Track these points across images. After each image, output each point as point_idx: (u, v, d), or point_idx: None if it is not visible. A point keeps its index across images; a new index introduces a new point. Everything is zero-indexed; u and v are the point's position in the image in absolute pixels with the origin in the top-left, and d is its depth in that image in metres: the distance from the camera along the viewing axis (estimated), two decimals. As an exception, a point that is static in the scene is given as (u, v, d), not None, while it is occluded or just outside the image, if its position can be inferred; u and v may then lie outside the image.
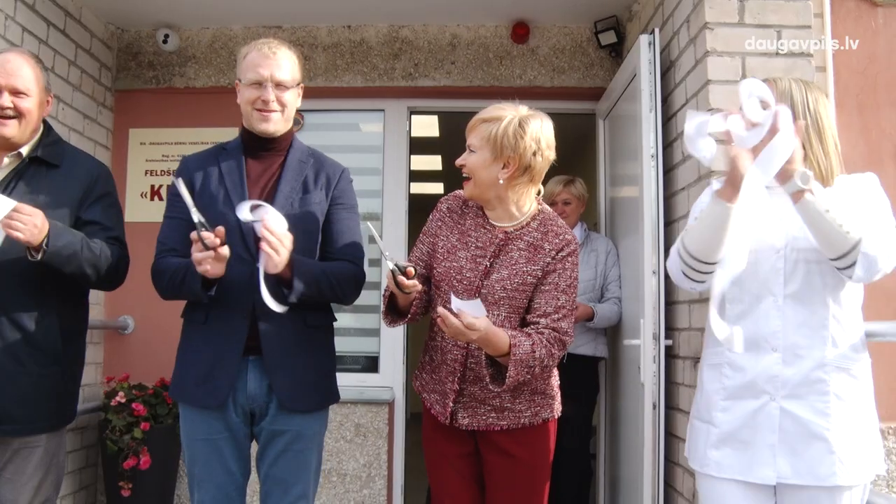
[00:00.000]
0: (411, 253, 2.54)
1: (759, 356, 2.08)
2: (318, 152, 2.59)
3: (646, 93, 3.34)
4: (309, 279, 2.31)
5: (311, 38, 4.61)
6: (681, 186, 3.21)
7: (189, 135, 4.65)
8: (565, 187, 4.09)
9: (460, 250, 2.41)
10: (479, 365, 2.33)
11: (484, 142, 2.33)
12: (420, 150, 6.43)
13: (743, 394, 2.11)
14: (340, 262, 2.46)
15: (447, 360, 2.40)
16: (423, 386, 2.53)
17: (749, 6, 2.96)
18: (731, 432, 2.11)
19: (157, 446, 4.05)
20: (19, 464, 2.43)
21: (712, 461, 2.14)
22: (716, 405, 2.16)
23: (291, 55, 2.47)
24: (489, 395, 2.37)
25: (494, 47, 4.58)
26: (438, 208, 2.54)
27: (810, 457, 2.02)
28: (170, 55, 4.68)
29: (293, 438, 2.39)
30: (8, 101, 2.39)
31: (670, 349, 3.24)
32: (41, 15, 3.90)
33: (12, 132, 2.42)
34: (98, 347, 4.51)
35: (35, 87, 2.46)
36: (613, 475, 4.09)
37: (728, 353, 2.14)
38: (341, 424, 4.40)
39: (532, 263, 2.35)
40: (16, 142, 2.45)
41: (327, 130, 4.71)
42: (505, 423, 2.39)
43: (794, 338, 2.06)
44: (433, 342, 2.48)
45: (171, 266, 2.37)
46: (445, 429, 2.44)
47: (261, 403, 2.38)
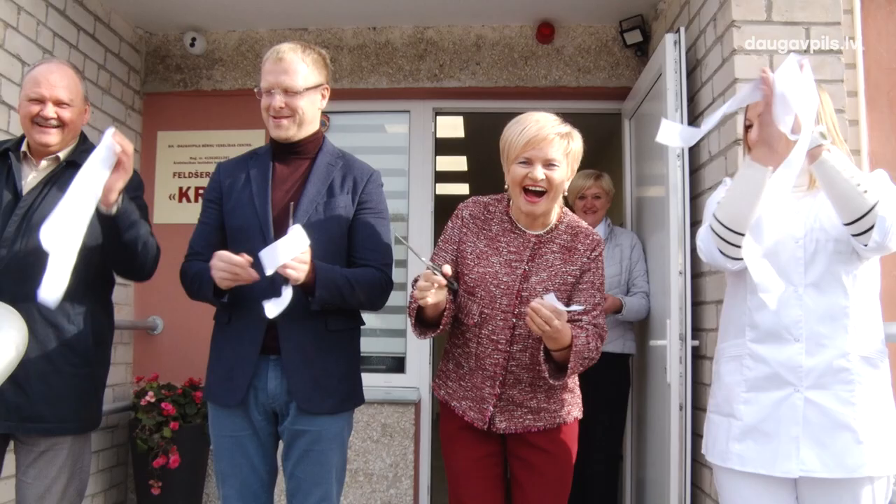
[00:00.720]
0: (434, 260, 2.49)
1: (780, 346, 2.07)
2: (348, 155, 2.57)
3: (671, 92, 3.32)
4: (331, 287, 2.31)
5: (336, 40, 4.63)
6: (707, 186, 3.18)
7: (216, 137, 4.69)
8: (596, 181, 4.07)
9: (492, 255, 2.41)
10: (519, 367, 2.37)
11: (563, 156, 2.32)
12: (445, 151, 6.44)
13: (766, 385, 2.09)
14: (366, 269, 2.43)
15: (485, 365, 2.40)
16: (450, 394, 2.50)
17: (777, 3, 2.93)
18: (754, 425, 2.10)
19: (186, 445, 4.09)
20: (42, 467, 2.45)
21: (734, 454, 2.12)
22: (737, 397, 2.15)
23: (305, 58, 2.42)
24: (527, 397, 2.39)
25: (519, 47, 4.58)
26: (458, 215, 2.51)
27: (838, 448, 2.00)
28: (197, 58, 4.73)
29: (314, 439, 2.39)
30: (52, 112, 2.46)
31: (697, 350, 3.21)
32: (72, 20, 3.96)
33: (55, 140, 2.49)
34: (128, 348, 4.56)
35: (76, 97, 2.53)
36: (640, 476, 4.06)
37: (749, 344, 2.13)
38: (368, 424, 4.41)
39: (569, 264, 2.39)
40: (55, 149, 2.53)
41: (353, 132, 4.73)
42: (542, 423, 2.41)
43: (816, 327, 2.04)
44: (465, 349, 2.46)
45: (193, 270, 2.42)
46: (470, 431, 2.45)
47: (281, 403, 2.39)
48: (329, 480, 2.43)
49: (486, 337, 2.39)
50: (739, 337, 2.16)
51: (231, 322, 2.41)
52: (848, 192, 1.95)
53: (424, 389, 4.51)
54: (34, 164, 2.54)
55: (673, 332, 3.17)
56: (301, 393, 2.35)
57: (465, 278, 2.42)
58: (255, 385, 2.37)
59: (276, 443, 2.50)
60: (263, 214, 2.38)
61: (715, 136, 3.10)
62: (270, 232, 2.35)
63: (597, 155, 6.50)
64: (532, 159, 2.30)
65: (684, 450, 3.13)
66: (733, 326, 2.22)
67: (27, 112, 2.47)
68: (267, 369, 2.38)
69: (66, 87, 2.50)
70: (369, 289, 2.42)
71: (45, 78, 2.47)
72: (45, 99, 2.46)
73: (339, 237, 2.44)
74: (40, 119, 2.46)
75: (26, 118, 2.47)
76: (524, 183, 2.31)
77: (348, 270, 2.41)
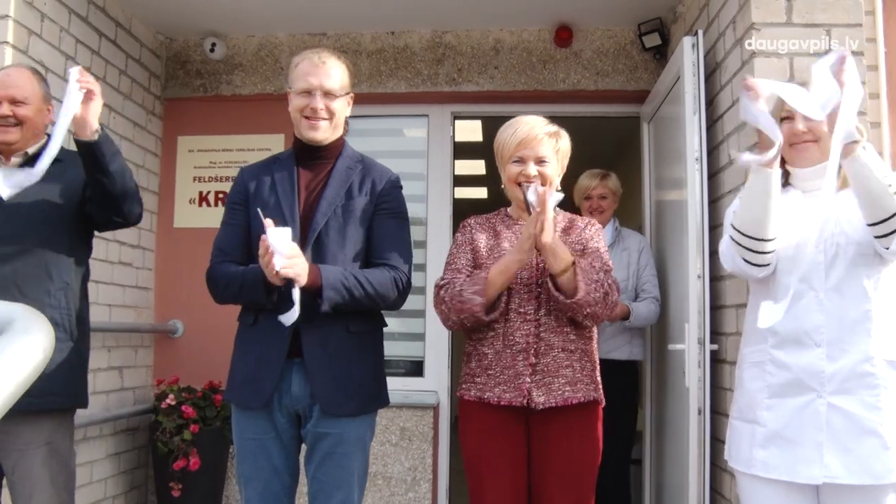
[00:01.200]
0: (452, 265, 2.57)
1: (802, 352, 2.06)
2: (368, 158, 2.60)
3: (689, 95, 3.31)
4: (339, 287, 2.32)
5: (355, 45, 4.65)
6: (727, 190, 3.17)
7: (236, 142, 4.73)
8: (601, 181, 4.02)
9: (503, 243, 2.56)
10: (548, 332, 2.45)
11: (553, 153, 2.53)
12: (464, 155, 6.44)
13: (788, 391, 2.08)
14: (377, 269, 2.45)
15: (515, 340, 2.44)
16: (482, 388, 2.49)
17: (797, 5, 2.91)
18: (777, 431, 2.09)
19: (207, 448, 4.12)
20: (25, 465, 2.50)
21: (759, 461, 2.11)
22: (760, 404, 2.13)
23: (341, 65, 2.51)
24: (562, 364, 2.44)
25: (538, 51, 4.58)
26: (466, 224, 2.67)
27: (863, 454, 1.98)
28: (217, 63, 4.76)
29: (336, 442, 2.40)
30: (7, 110, 2.56)
31: (716, 354, 3.20)
32: (94, 27, 4.00)
33: (15, 138, 2.59)
34: (148, 351, 4.60)
35: (32, 95, 2.62)
36: (659, 481, 4.05)
37: (771, 350, 2.12)
38: (386, 428, 4.42)
39: (573, 234, 2.58)
40: (19, 147, 2.62)
41: (371, 136, 4.74)
42: (580, 395, 2.45)
43: (837, 332, 2.03)
44: (489, 335, 2.49)
45: (230, 271, 2.43)
46: (498, 424, 2.46)
47: (304, 406, 2.40)
48: (351, 483, 2.44)
49: (514, 311, 2.46)
50: (761, 343, 2.15)
51: (256, 324, 2.42)
52: (878, 192, 1.93)
53: (443, 393, 4.51)
54: (3, 162, 2.62)
55: (691, 335, 3.16)
56: (324, 395, 2.36)
57: (484, 266, 2.51)
58: (280, 387, 2.39)
59: (298, 446, 2.51)
60: (291, 217, 2.41)
61: (735, 140, 3.09)
62: (297, 234, 2.37)
63: (615, 158, 6.51)
64: (525, 158, 2.50)
65: (703, 454, 3.11)
66: (755, 332, 2.21)
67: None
68: (291, 372, 2.39)
69: (21, 86, 2.59)
70: (381, 287, 2.41)
71: (1, 80, 2.59)
72: (0, 99, 2.56)
73: (357, 239, 2.46)
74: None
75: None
76: (518, 179, 2.51)
77: (359, 270, 2.42)
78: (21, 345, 0.83)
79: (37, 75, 2.68)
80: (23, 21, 3.42)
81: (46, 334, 0.85)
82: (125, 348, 4.33)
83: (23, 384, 0.81)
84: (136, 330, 4.44)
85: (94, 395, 3.96)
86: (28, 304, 2.34)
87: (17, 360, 0.82)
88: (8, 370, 0.81)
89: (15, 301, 2.33)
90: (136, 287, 4.44)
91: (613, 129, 5.76)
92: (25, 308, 0.89)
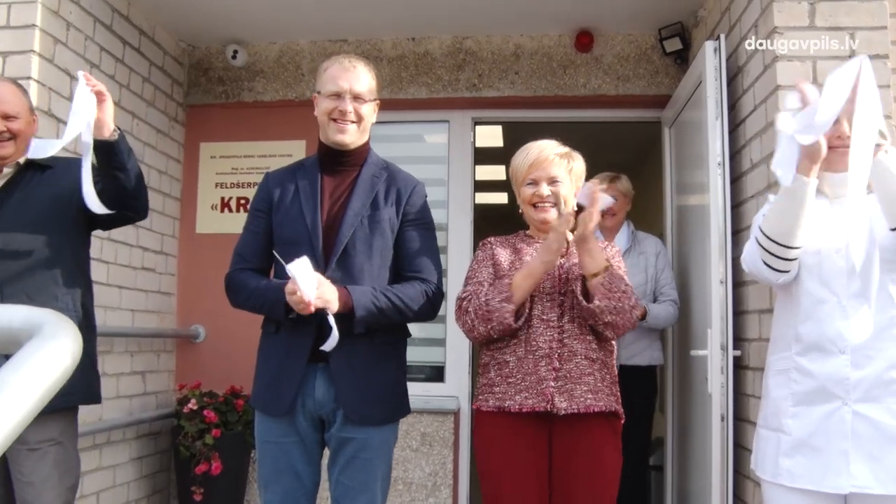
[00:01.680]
0: (474, 279, 2.57)
1: (826, 359, 2.04)
2: (392, 166, 2.60)
3: (712, 100, 3.29)
4: (371, 308, 2.33)
5: (375, 51, 4.67)
6: (750, 195, 3.15)
7: (257, 148, 4.75)
8: (611, 184, 3.97)
9: (524, 256, 2.56)
10: (572, 338, 2.46)
11: (567, 173, 2.57)
12: (484, 161, 6.45)
13: (813, 399, 2.06)
14: (408, 283, 2.46)
15: (538, 346, 2.44)
16: (501, 398, 2.46)
17: (820, 8, 2.89)
18: (802, 439, 2.06)
19: (228, 453, 4.14)
20: (35, 463, 2.53)
21: (784, 470, 2.09)
22: (785, 412, 2.11)
23: (370, 71, 2.52)
24: (584, 371, 2.44)
25: (558, 56, 4.57)
26: (487, 242, 2.69)
27: (891, 462, 1.95)
28: (239, 70, 4.80)
29: (361, 447, 2.40)
30: (1, 126, 2.60)
31: (739, 360, 3.18)
32: (118, 35, 4.04)
33: (9, 152, 2.63)
34: (170, 355, 4.63)
35: (21, 109, 2.67)
36: (682, 488, 4.02)
37: (795, 357, 2.10)
38: (407, 433, 4.42)
39: None
40: (11, 159, 2.67)
41: (392, 142, 4.75)
42: (602, 403, 2.44)
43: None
44: (510, 343, 2.47)
45: (251, 285, 2.45)
46: (518, 432, 2.44)
47: (328, 411, 2.40)
48: (374, 488, 2.44)
49: (537, 318, 2.47)
50: (786, 350, 2.13)
51: (279, 332, 2.43)
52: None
53: (464, 399, 4.51)
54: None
55: (714, 341, 3.14)
56: (349, 403, 2.37)
57: (506, 277, 2.51)
58: (303, 392, 2.39)
59: (321, 450, 2.51)
60: (313, 226, 2.41)
61: (757, 145, 3.07)
62: (320, 243, 2.38)
63: (636, 163, 6.48)
64: (537, 179, 2.56)
65: (726, 461, 3.09)
66: (780, 339, 2.20)
67: None
68: (315, 377, 2.39)
69: (10, 101, 2.64)
70: (413, 302, 2.43)
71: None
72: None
73: (384, 249, 2.46)
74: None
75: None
76: (533, 200, 2.58)
77: (389, 287, 2.42)
78: (49, 350, 0.84)
79: (20, 88, 2.75)
80: (49, 30, 3.46)
81: (74, 339, 0.86)
82: (148, 353, 4.36)
83: (51, 389, 0.82)
84: (158, 335, 4.47)
85: (118, 399, 4.00)
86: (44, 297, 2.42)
87: (45, 366, 0.83)
88: (36, 375, 0.81)
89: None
90: (158, 292, 4.47)
91: (634, 135, 5.74)
92: (53, 313, 0.90)
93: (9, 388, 0.77)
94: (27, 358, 0.81)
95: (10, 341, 0.87)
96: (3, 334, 0.89)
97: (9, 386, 0.77)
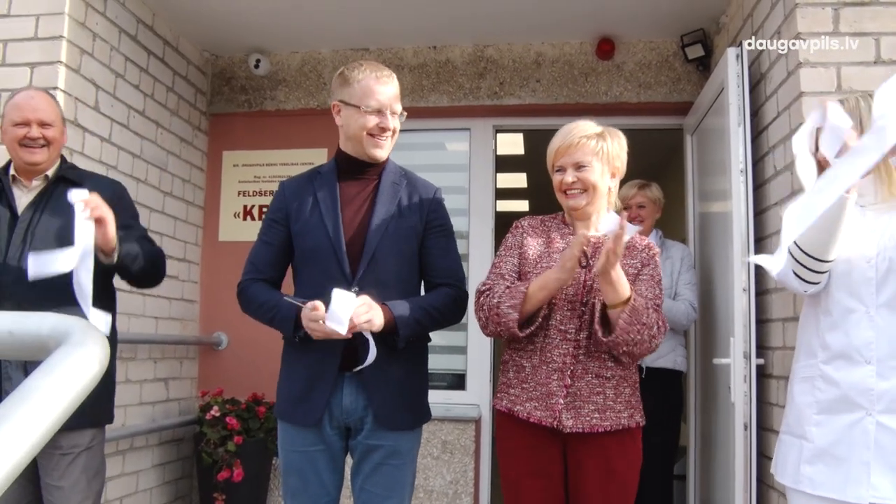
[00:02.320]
0: (497, 269, 2.53)
1: (851, 369, 2.01)
2: (409, 173, 2.59)
3: (734, 106, 3.28)
4: (411, 323, 2.34)
5: (397, 59, 4.69)
6: (773, 202, 3.13)
7: (280, 156, 4.79)
8: (640, 190, 4.00)
9: (553, 253, 2.48)
10: (587, 356, 2.39)
11: (593, 156, 2.46)
12: (505, 168, 6.45)
13: (837, 408, 2.03)
14: (439, 291, 2.48)
15: (552, 357, 2.40)
16: (513, 400, 2.46)
17: (844, 14, 2.87)
18: (825, 448, 2.04)
19: (250, 459, 4.16)
20: (65, 468, 2.57)
21: (805, 477, 2.07)
22: (808, 419, 2.09)
23: (397, 80, 2.50)
24: (594, 391, 2.38)
25: (579, 64, 4.57)
26: (519, 225, 2.61)
27: None
28: (261, 79, 4.83)
29: (389, 454, 2.40)
30: (37, 132, 2.67)
31: (763, 368, 3.15)
32: (142, 45, 4.09)
33: (43, 158, 2.70)
34: (193, 363, 4.66)
35: (56, 118, 2.74)
36: (705, 497, 3.99)
37: (820, 365, 2.08)
38: (428, 441, 4.42)
39: (628, 258, 2.46)
40: (43, 168, 2.73)
41: (414, 150, 4.77)
42: (608, 423, 2.38)
43: (888, 349, 1.98)
44: (527, 348, 2.45)
45: (260, 298, 2.44)
46: (530, 447, 2.43)
47: (356, 419, 2.40)
48: (400, 495, 2.44)
49: (554, 328, 2.41)
50: (811, 358, 2.11)
51: (302, 341, 2.39)
52: None
53: (485, 407, 4.50)
54: (23, 185, 2.74)
55: (737, 349, 3.12)
56: (382, 409, 2.37)
57: (529, 276, 2.46)
58: (330, 401, 2.38)
59: (345, 458, 2.51)
60: (336, 236, 2.40)
61: (780, 151, 3.05)
62: (343, 253, 2.38)
63: (659, 170, 6.46)
64: (564, 166, 2.48)
65: (749, 471, 3.06)
66: (805, 347, 2.18)
67: (14, 136, 2.67)
68: (342, 385, 2.39)
69: (46, 109, 2.71)
70: (447, 309, 2.47)
71: (27, 104, 2.70)
72: (30, 122, 2.67)
73: (410, 256, 2.48)
74: (27, 140, 2.67)
75: (14, 141, 2.67)
76: (561, 188, 2.49)
77: (423, 299, 2.45)
78: (77, 357, 0.85)
79: (53, 98, 2.82)
80: (75, 41, 3.51)
81: (102, 347, 0.87)
82: (171, 360, 4.39)
83: (79, 396, 0.83)
84: (181, 342, 4.51)
85: (140, 405, 4.03)
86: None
87: (73, 372, 0.84)
88: (65, 381, 0.82)
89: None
90: (181, 300, 4.51)
91: (656, 142, 5.72)
92: (81, 321, 0.92)
93: (39, 393, 0.78)
94: (56, 365, 0.83)
95: (39, 348, 0.89)
96: (32, 342, 0.90)
97: (39, 391, 0.79)
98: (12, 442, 0.72)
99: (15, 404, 0.76)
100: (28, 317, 0.93)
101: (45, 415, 0.77)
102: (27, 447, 0.74)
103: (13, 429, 0.74)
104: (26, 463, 0.74)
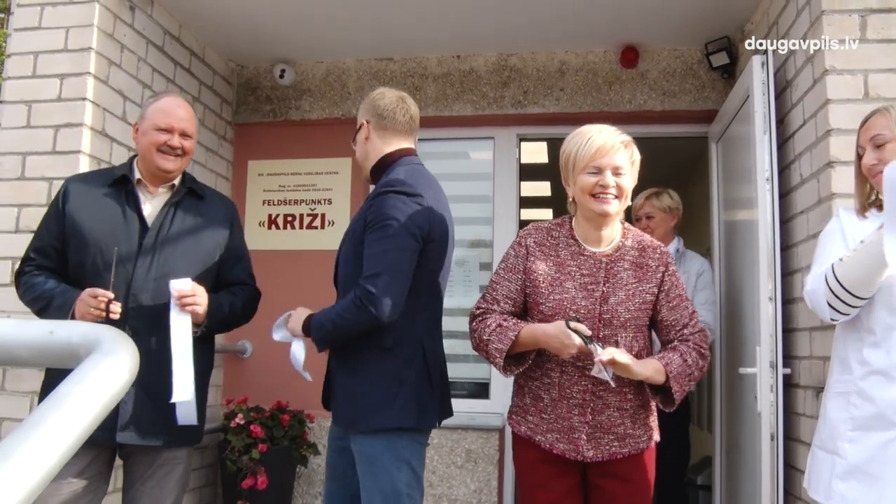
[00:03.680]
0: (493, 292, 2.49)
1: (889, 386, 1.99)
2: (391, 175, 2.58)
3: (759, 114, 3.26)
4: (317, 334, 2.44)
5: (421, 69, 4.71)
6: (799, 210, 3.10)
7: (304, 165, 4.81)
8: (647, 200, 3.97)
9: (565, 281, 2.40)
10: (607, 392, 2.36)
11: (629, 163, 2.39)
12: (529, 177, 6.45)
13: (872, 425, 2.01)
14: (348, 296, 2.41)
15: (571, 393, 2.38)
16: (533, 429, 2.45)
17: (871, 21, 2.85)
18: (858, 465, 2.02)
19: (274, 467, 4.17)
20: (161, 478, 2.61)
21: (837, 493, 2.05)
22: (842, 435, 2.07)
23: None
24: (615, 422, 2.38)
25: (603, 72, 4.56)
26: (522, 244, 2.49)
27: None
28: (286, 89, 4.87)
29: (359, 457, 2.43)
30: (178, 142, 2.68)
31: (789, 378, 3.12)
32: (169, 56, 4.14)
33: (175, 167, 2.71)
34: (218, 370, 4.69)
35: (194, 131, 2.77)
36: (731, 508, 3.95)
37: (857, 381, 2.05)
38: (452, 450, 4.42)
39: (645, 282, 2.39)
40: (172, 176, 2.73)
41: (438, 159, 4.77)
42: (626, 450, 2.40)
43: None
44: (545, 380, 2.43)
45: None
46: (549, 464, 2.42)
47: None
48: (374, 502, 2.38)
49: (572, 364, 2.36)
50: (848, 373, 2.09)
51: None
52: None
53: (508, 415, 4.49)
54: (148, 190, 2.72)
55: (763, 359, 3.09)
56: (335, 410, 2.53)
57: (541, 307, 2.40)
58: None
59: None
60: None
61: (807, 159, 3.02)
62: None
63: (683, 179, 6.43)
64: (602, 167, 2.35)
65: (776, 481, 3.03)
66: (842, 362, 2.15)
67: (154, 140, 2.65)
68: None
69: (190, 120, 2.74)
70: (347, 314, 2.36)
71: (173, 110, 2.70)
72: (173, 129, 2.67)
73: (356, 260, 2.47)
74: (166, 148, 2.66)
75: (152, 146, 2.65)
76: (594, 191, 2.35)
77: (330, 308, 2.46)
78: (108, 365, 0.87)
79: (192, 109, 2.84)
80: (104, 52, 3.56)
81: (132, 355, 0.88)
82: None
83: (108, 404, 0.84)
84: (207, 350, 4.53)
85: (167, 413, 4.05)
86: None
87: (104, 379, 0.85)
88: (96, 388, 0.84)
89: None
90: (207, 308, 4.53)
91: (681, 150, 5.70)
92: (111, 329, 0.93)
93: (70, 399, 0.80)
94: (87, 372, 0.84)
95: (70, 356, 0.90)
96: (64, 349, 0.92)
97: (70, 398, 0.80)
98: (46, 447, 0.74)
99: (48, 410, 0.78)
100: (60, 325, 0.95)
101: (77, 421, 0.78)
102: (60, 452, 0.76)
103: (46, 434, 0.75)
104: (59, 468, 0.75)
